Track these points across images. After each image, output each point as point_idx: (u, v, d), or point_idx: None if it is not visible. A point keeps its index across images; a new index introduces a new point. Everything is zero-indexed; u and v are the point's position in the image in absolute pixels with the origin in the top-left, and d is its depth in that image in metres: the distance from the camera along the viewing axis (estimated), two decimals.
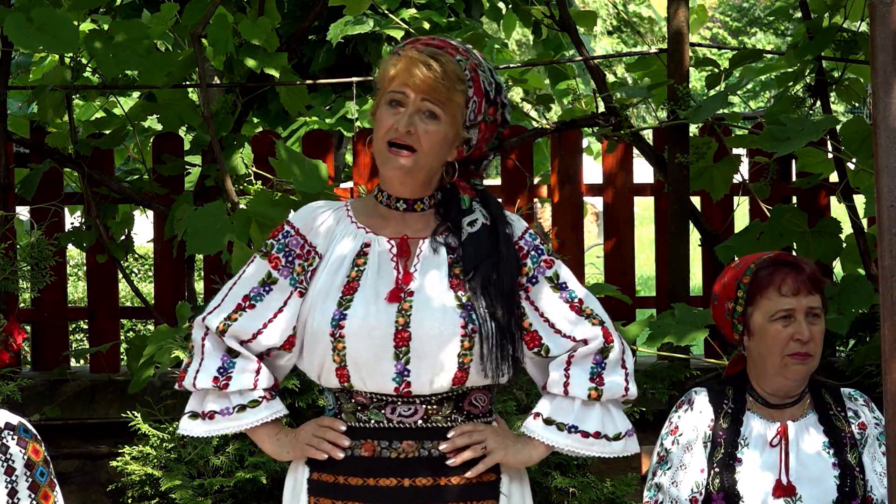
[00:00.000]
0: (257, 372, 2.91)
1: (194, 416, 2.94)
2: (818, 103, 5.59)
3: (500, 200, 3.03)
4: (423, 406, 2.87)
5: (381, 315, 2.83)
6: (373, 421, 2.88)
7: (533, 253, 2.93)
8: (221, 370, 2.90)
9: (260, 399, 2.91)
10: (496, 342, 2.84)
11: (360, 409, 2.89)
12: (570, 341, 2.90)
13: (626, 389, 2.91)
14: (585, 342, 2.90)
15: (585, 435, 2.89)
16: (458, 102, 2.85)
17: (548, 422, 2.90)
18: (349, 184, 6.25)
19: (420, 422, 2.87)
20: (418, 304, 2.83)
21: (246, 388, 2.90)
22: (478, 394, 2.91)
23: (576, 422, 2.89)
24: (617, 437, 2.92)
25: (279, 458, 2.99)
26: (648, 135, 5.93)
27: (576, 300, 2.92)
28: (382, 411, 2.87)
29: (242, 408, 2.90)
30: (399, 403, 2.87)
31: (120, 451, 4.78)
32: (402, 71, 2.83)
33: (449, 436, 2.88)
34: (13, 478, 3.04)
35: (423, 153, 2.85)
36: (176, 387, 2.98)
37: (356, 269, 2.88)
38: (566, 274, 2.95)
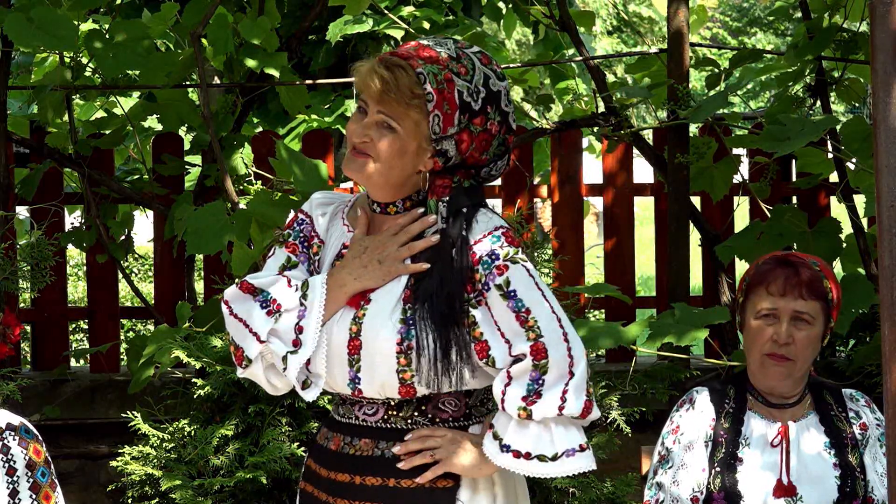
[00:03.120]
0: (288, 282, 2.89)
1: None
2: (818, 103, 5.59)
3: (479, 199, 2.96)
4: (384, 408, 2.89)
5: (342, 321, 2.85)
6: (346, 416, 2.93)
7: (486, 259, 2.81)
8: (264, 304, 2.87)
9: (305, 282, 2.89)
10: (435, 356, 2.78)
11: (341, 403, 2.96)
12: (507, 355, 2.80)
13: (561, 409, 2.76)
14: (522, 357, 2.79)
15: (517, 455, 2.79)
16: (412, 117, 2.80)
17: (495, 436, 2.83)
18: (349, 183, 6.25)
19: (380, 422, 2.89)
20: (371, 313, 2.83)
21: (292, 289, 2.88)
22: (446, 398, 2.88)
23: (510, 441, 2.79)
24: (554, 458, 2.79)
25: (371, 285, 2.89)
26: (648, 135, 5.93)
27: (522, 310, 2.79)
28: (352, 408, 2.92)
29: (304, 295, 2.87)
30: (364, 403, 2.90)
31: (120, 451, 4.78)
32: (360, 81, 2.84)
33: (405, 438, 2.87)
34: (14, 478, 3.04)
35: (379, 161, 2.83)
36: (239, 374, 2.96)
37: (324, 273, 2.92)
38: (519, 280, 2.80)
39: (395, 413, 2.88)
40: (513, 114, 2.90)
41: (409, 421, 2.88)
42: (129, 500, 4.74)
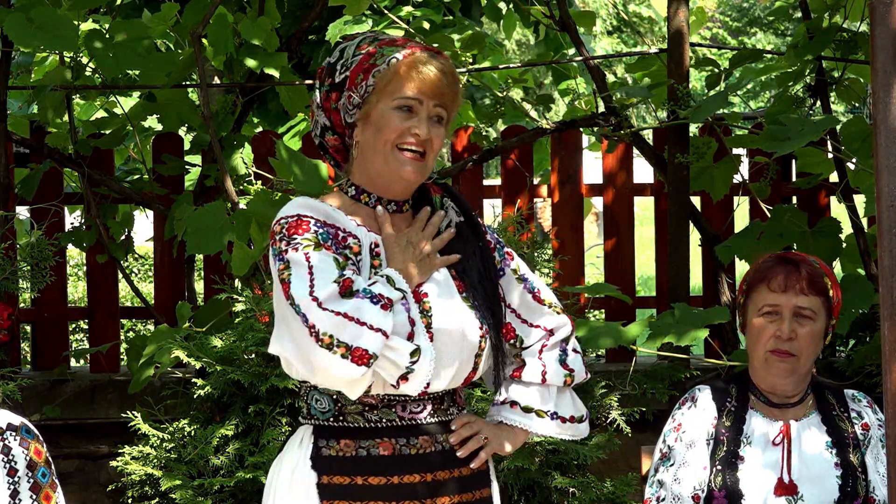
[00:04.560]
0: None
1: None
2: (818, 103, 5.59)
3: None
4: (431, 402, 2.90)
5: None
6: (384, 420, 2.88)
7: (498, 246, 3.02)
8: (374, 300, 2.76)
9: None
10: (498, 337, 2.92)
11: (367, 409, 2.88)
12: (539, 331, 3.00)
13: (587, 373, 3.07)
14: (551, 332, 3.00)
15: (564, 420, 3.01)
16: (457, 105, 2.93)
17: (526, 409, 2.99)
18: None
19: (428, 417, 2.91)
20: (439, 305, 2.86)
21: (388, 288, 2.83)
22: (461, 387, 2.98)
23: (555, 408, 3.00)
24: (581, 420, 3.05)
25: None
26: (648, 135, 5.93)
27: (536, 290, 3.02)
28: (392, 410, 2.88)
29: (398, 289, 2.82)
30: (409, 401, 2.88)
31: (120, 451, 4.78)
32: (416, 78, 2.85)
33: (452, 428, 2.93)
34: (15, 479, 3.04)
35: (431, 157, 2.90)
36: (359, 375, 2.73)
37: (373, 270, 2.87)
38: (523, 265, 3.05)
39: (439, 406, 2.92)
40: None
41: (446, 412, 2.93)
42: (129, 500, 4.74)
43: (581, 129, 6.05)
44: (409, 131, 2.85)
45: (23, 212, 6.05)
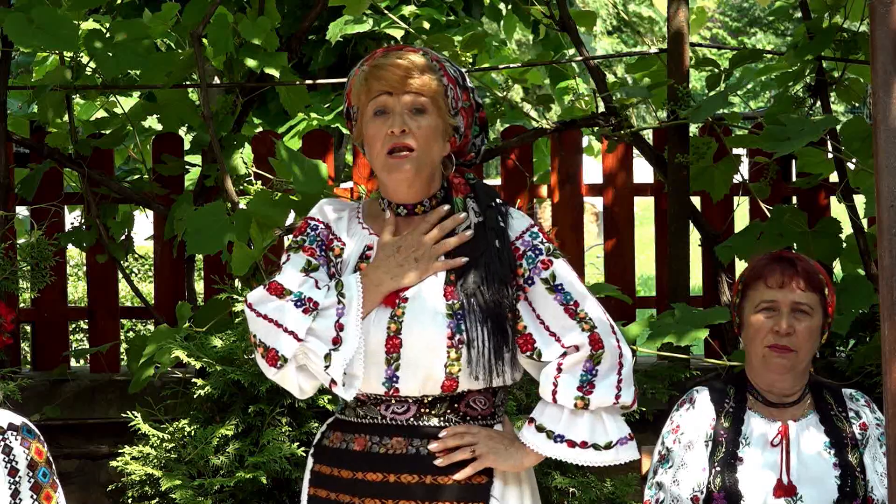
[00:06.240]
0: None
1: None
2: (818, 103, 5.59)
3: (499, 196, 3.04)
4: (416, 405, 2.89)
5: (378, 320, 2.85)
6: (369, 417, 2.91)
7: (530, 253, 2.90)
8: (298, 303, 2.83)
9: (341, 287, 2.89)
10: (487, 348, 2.83)
11: (359, 404, 2.92)
12: (558, 347, 2.86)
13: (617, 398, 2.85)
14: (576, 348, 2.85)
15: (572, 444, 2.86)
16: (437, 90, 2.88)
17: (539, 429, 2.89)
18: (349, 184, 6.25)
19: (412, 420, 2.89)
20: (411, 311, 2.85)
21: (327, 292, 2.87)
22: (476, 396, 2.92)
23: (563, 431, 2.86)
24: (608, 446, 2.87)
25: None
26: (648, 135, 5.93)
27: (571, 303, 2.87)
28: (377, 408, 2.90)
29: (340, 293, 2.86)
30: (393, 402, 2.89)
31: (120, 451, 4.78)
32: (375, 80, 2.86)
33: (440, 436, 2.88)
34: (16, 479, 3.04)
35: (420, 148, 2.87)
36: (270, 376, 2.87)
37: (358, 272, 2.90)
38: (564, 275, 2.90)
39: (428, 411, 2.88)
40: (475, 90, 3.00)
41: (442, 419, 2.89)
42: (129, 500, 4.74)
43: (581, 129, 6.05)
44: (387, 133, 2.85)
45: (23, 212, 6.05)
